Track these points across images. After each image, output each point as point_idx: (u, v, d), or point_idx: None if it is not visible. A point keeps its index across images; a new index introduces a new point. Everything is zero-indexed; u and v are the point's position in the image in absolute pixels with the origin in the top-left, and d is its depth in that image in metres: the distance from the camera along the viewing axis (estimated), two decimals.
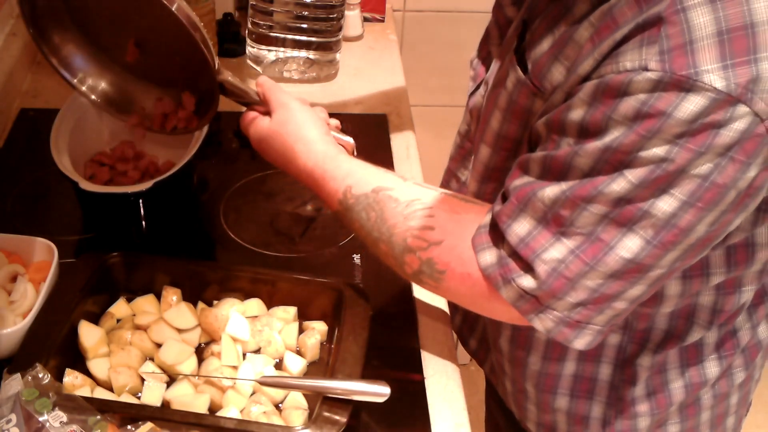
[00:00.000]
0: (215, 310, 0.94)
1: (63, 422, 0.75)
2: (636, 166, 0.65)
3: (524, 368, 0.94)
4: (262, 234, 1.11)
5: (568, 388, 0.93)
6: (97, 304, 0.94)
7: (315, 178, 0.88)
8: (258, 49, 1.39)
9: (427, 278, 0.81)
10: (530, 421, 0.99)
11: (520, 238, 0.73)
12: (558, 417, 0.96)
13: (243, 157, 1.25)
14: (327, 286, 0.96)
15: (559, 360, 0.91)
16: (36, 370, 0.79)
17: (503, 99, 0.81)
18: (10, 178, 1.17)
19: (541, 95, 0.76)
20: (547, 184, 0.71)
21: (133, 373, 0.87)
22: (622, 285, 0.71)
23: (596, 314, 0.73)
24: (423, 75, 1.78)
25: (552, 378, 0.93)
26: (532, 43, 0.76)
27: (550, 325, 0.74)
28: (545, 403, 0.95)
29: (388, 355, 0.94)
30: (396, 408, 0.87)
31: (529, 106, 0.78)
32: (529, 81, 0.76)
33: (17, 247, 0.98)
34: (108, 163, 1.13)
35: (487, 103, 0.84)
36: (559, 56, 0.72)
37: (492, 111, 0.82)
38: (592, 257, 0.69)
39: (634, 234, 0.68)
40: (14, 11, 1.39)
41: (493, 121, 0.83)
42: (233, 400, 0.85)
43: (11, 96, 1.31)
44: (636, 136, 0.64)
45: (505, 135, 0.82)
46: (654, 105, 0.62)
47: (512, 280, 0.74)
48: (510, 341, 0.94)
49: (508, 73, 0.79)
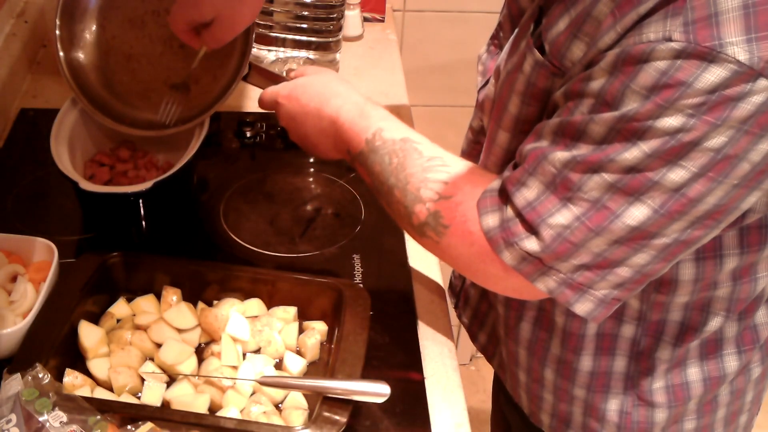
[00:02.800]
0: (215, 310, 0.94)
1: (63, 422, 0.75)
2: (650, 137, 0.65)
3: (545, 352, 0.94)
4: (262, 234, 1.11)
5: (585, 381, 0.93)
6: (97, 304, 0.94)
7: (345, 118, 0.90)
8: (258, 49, 1.39)
9: (431, 231, 0.81)
10: (544, 412, 0.99)
11: (527, 201, 0.73)
12: (575, 406, 0.95)
13: (243, 157, 1.25)
14: (327, 286, 0.96)
15: (576, 352, 0.91)
16: (36, 370, 0.79)
17: (521, 83, 0.80)
18: (10, 178, 1.17)
19: (560, 75, 0.75)
20: (559, 149, 0.71)
21: (133, 373, 0.87)
22: (626, 251, 0.71)
23: (599, 279, 0.73)
24: (423, 75, 1.78)
25: (570, 367, 0.92)
26: (549, 25, 0.76)
27: (553, 285, 0.75)
28: (563, 390, 0.95)
29: (388, 355, 0.94)
30: (396, 408, 0.87)
31: (548, 88, 0.77)
32: (548, 62, 0.76)
33: (17, 247, 0.98)
34: (108, 163, 1.13)
35: (503, 90, 0.84)
36: (578, 33, 0.72)
37: (509, 97, 0.82)
38: (596, 224, 0.70)
39: (641, 203, 0.68)
40: (14, 11, 1.40)
41: (511, 106, 0.82)
42: (233, 400, 0.85)
43: (11, 96, 1.31)
44: (653, 105, 0.64)
45: (524, 119, 0.82)
46: (674, 75, 0.62)
47: (515, 243, 0.74)
48: (533, 323, 0.93)
49: (525, 57, 0.79)
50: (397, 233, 1.11)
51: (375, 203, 1.13)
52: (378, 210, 1.14)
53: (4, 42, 1.33)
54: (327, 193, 1.20)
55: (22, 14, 1.40)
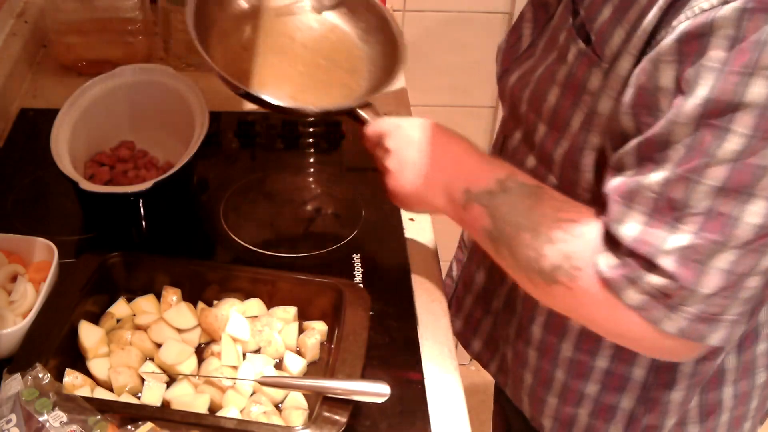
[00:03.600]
0: (215, 310, 0.94)
1: (63, 422, 0.75)
2: (742, 114, 0.60)
3: (556, 353, 0.92)
4: (262, 234, 1.11)
5: (599, 380, 0.91)
6: (97, 304, 0.94)
7: (474, 153, 0.85)
8: None
9: (563, 276, 0.75)
10: (546, 416, 0.98)
11: (634, 237, 0.69)
12: (582, 408, 0.93)
13: (243, 157, 1.25)
14: (327, 286, 0.96)
15: (591, 353, 0.89)
16: (36, 370, 0.78)
17: (562, 73, 0.79)
18: (10, 178, 1.17)
19: (599, 65, 0.74)
20: (649, 170, 0.66)
21: (133, 373, 0.87)
22: (755, 257, 0.66)
23: (731, 301, 0.68)
24: (423, 75, 1.78)
25: (585, 365, 0.91)
26: (593, 14, 0.74)
27: (684, 324, 0.69)
28: (573, 390, 0.93)
29: (388, 355, 0.94)
30: (396, 408, 0.87)
31: (585, 80, 0.76)
32: (591, 51, 0.74)
33: (17, 247, 0.98)
34: (108, 163, 1.13)
35: (543, 81, 0.82)
36: (621, 20, 0.70)
37: (550, 87, 0.81)
38: (717, 235, 0.65)
39: (756, 197, 0.63)
40: (14, 11, 1.40)
41: (551, 96, 0.81)
42: (233, 400, 0.85)
43: (11, 96, 1.31)
44: (734, 76, 0.59)
45: (557, 111, 0.80)
46: (745, 36, 0.59)
47: (636, 281, 0.69)
48: (544, 327, 0.92)
49: (569, 47, 0.77)
50: (397, 233, 1.11)
51: (375, 203, 1.13)
52: (378, 210, 1.14)
53: (4, 42, 1.33)
54: (327, 193, 1.20)
55: (22, 14, 1.40)
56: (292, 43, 1.08)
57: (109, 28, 1.36)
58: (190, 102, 1.11)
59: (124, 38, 1.37)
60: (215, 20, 1.06)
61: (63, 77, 1.37)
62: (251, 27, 1.08)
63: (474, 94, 1.95)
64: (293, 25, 1.10)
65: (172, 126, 1.14)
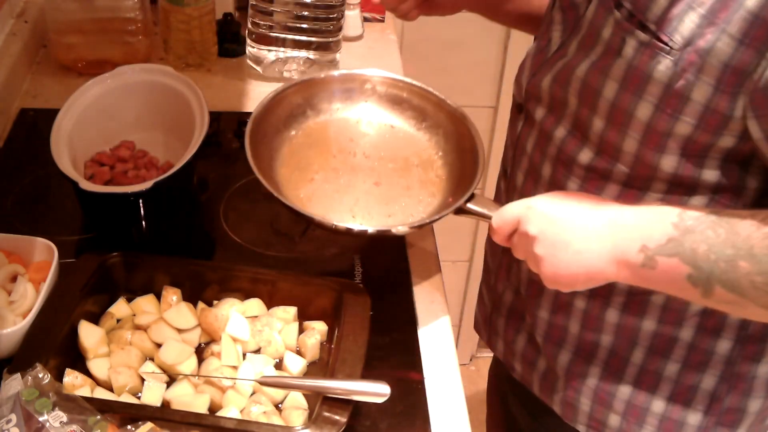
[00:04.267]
0: (215, 310, 0.94)
1: (63, 422, 0.75)
2: None
3: (637, 332, 0.90)
4: (262, 234, 1.11)
5: (681, 357, 0.89)
6: (97, 304, 0.94)
7: (630, 212, 0.78)
8: (258, 49, 1.39)
9: None
10: (614, 412, 0.95)
11: None
12: (658, 393, 0.92)
13: (243, 157, 1.24)
14: (327, 286, 0.96)
15: (676, 323, 0.88)
16: (36, 370, 0.78)
17: (619, 68, 0.79)
18: (10, 178, 1.17)
19: (667, 53, 0.74)
20: None
21: (133, 373, 0.87)
22: None
23: None
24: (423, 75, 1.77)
25: (667, 341, 0.89)
26: (642, 4, 0.75)
27: None
28: (651, 371, 0.91)
29: (388, 355, 0.94)
30: (396, 408, 0.87)
31: (650, 70, 0.76)
32: (655, 39, 0.75)
33: (17, 247, 0.98)
34: (108, 163, 1.13)
35: (593, 77, 0.82)
36: (693, 4, 0.72)
37: (604, 82, 0.81)
38: None
39: None
40: (14, 11, 1.40)
41: (607, 92, 0.81)
42: (233, 400, 0.85)
43: (11, 96, 1.31)
44: None
45: (616, 104, 0.80)
46: None
47: None
48: (622, 309, 0.90)
49: (623, 41, 0.78)
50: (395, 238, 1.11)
51: None
52: None
53: (4, 42, 1.33)
54: None
55: (22, 14, 1.40)
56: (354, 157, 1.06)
57: (109, 28, 1.36)
58: (190, 102, 1.11)
59: (124, 38, 1.37)
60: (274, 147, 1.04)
61: (63, 77, 1.37)
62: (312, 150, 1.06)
63: (474, 94, 1.95)
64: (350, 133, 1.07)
65: (172, 126, 1.14)
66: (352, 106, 1.09)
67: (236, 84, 1.40)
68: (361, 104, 1.09)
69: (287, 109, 1.06)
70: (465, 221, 2.31)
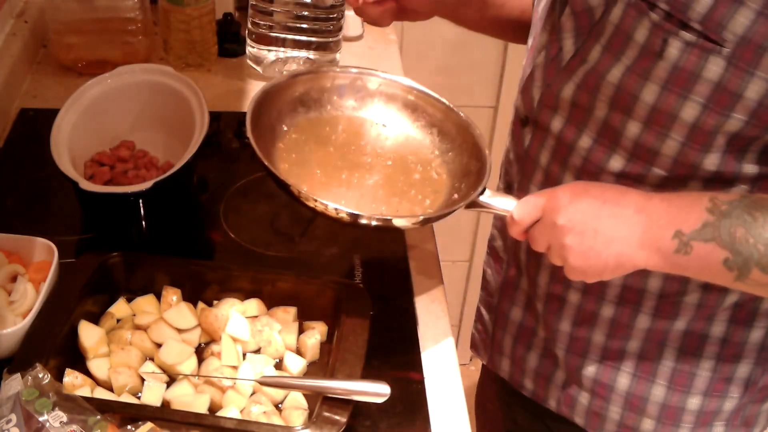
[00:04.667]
0: (215, 310, 0.94)
1: (63, 422, 0.75)
2: None
3: (666, 335, 0.89)
4: (262, 234, 1.11)
5: (714, 353, 0.89)
6: (97, 304, 0.94)
7: (659, 200, 0.78)
8: (258, 49, 1.39)
9: None
10: (648, 417, 0.94)
11: None
12: (695, 387, 0.91)
13: (243, 157, 1.25)
14: (327, 286, 0.96)
15: (708, 319, 0.88)
16: (36, 370, 0.78)
17: (662, 70, 0.76)
18: (10, 178, 1.17)
19: (719, 51, 0.73)
20: None
21: (133, 373, 0.87)
22: None
23: None
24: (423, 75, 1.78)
25: (697, 339, 0.89)
26: (683, 3, 0.73)
27: None
28: (685, 371, 0.90)
29: (388, 355, 0.94)
30: (396, 408, 0.87)
31: (698, 70, 0.74)
32: (703, 39, 0.73)
33: (17, 247, 0.98)
34: (108, 163, 1.13)
35: (629, 81, 0.79)
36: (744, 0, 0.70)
37: (642, 85, 0.78)
38: None
39: None
40: (14, 11, 1.40)
41: (646, 95, 0.78)
42: (233, 400, 0.85)
43: (11, 96, 1.31)
44: None
45: (657, 107, 0.78)
46: None
47: None
48: (654, 313, 0.89)
49: (665, 42, 0.75)
50: (397, 233, 1.11)
51: None
52: None
53: (4, 42, 1.33)
54: None
55: (22, 14, 1.40)
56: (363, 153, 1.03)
57: (109, 28, 1.36)
58: (190, 102, 1.11)
59: (124, 38, 1.37)
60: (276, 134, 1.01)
61: (63, 77, 1.37)
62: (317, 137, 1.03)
63: (474, 94, 1.95)
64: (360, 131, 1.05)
65: (172, 126, 1.14)
66: (352, 103, 1.08)
67: (236, 84, 1.40)
68: (361, 102, 1.09)
69: (288, 100, 1.04)
70: (465, 221, 2.31)
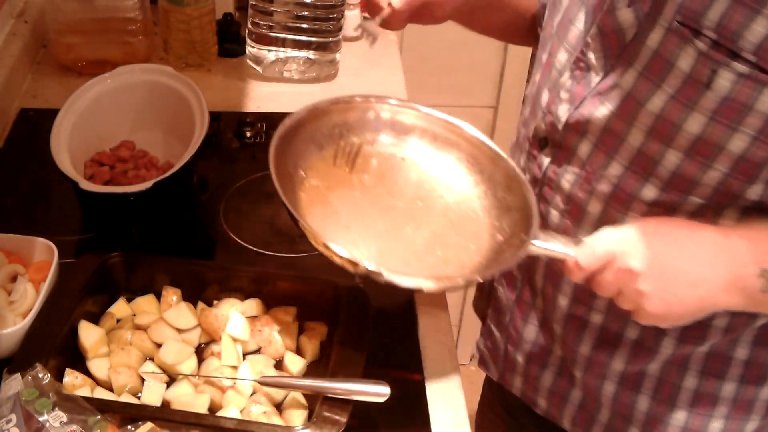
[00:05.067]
0: (215, 310, 0.94)
1: (63, 422, 0.75)
2: None
3: (688, 358, 0.88)
4: (262, 234, 1.11)
5: (737, 376, 0.88)
6: (97, 304, 0.94)
7: (732, 234, 0.76)
8: (258, 49, 1.39)
9: None
10: None
11: None
12: (718, 410, 0.90)
13: (243, 157, 1.25)
14: (327, 286, 0.96)
15: (732, 341, 0.86)
16: (36, 370, 0.79)
17: (710, 101, 0.73)
18: (10, 178, 1.17)
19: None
20: None
21: (133, 373, 0.87)
22: None
23: None
24: (423, 75, 1.78)
25: (720, 362, 0.87)
26: (733, 33, 0.70)
27: None
28: (708, 393, 0.89)
29: (388, 355, 0.94)
30: (396, 408, 0.87)
31: (751, 102, 0.71)
32: (758, 71, 0.70)
33: (17, 247, 0.98)
34: (108, 163, 1.13)
35: (672, 111, 0.76)
36: None
37: (686, 115, 0.75)
38: None
39: None
40: (14, 11, 1.40)
41: (691, 125, 0.75)
42: (233, 400, 0.85)
43: (11, 96, 1.31)
44: None
45: (703, 138, 0.75)
46: None
47: None
48: (679, 338, 0.87)
49: (714, 72, 0.72)
50: None
51: None
52: None
53: (4, 42, 1.33)
54: None
55: (22, 14, 1.40)
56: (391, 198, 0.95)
57: (109, 28, 1.36)
58: (190, 102, 1.11)
59: (124, 38, 1.37)
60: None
61: (63, 77, 1.37)
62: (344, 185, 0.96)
63: (474, 94, 1.95)
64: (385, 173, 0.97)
65: (172, 126, 1.14)
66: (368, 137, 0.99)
67: (236, 84, 1.40)
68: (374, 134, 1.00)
69: (318, 132, 0.98)
70: None
